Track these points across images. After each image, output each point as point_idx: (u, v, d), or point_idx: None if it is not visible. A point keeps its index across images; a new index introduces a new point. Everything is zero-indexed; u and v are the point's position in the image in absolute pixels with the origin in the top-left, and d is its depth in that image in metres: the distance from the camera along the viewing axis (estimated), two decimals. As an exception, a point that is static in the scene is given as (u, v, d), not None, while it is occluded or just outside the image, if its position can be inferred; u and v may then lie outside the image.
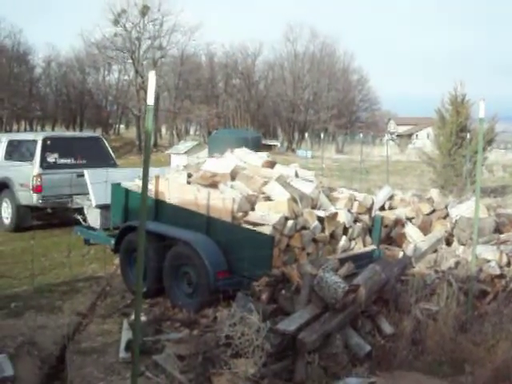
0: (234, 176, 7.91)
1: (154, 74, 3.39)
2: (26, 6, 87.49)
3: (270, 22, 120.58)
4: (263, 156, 8.87)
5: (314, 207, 7.58)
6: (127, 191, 8.34)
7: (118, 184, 8.66)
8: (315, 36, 62.13)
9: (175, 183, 7.87)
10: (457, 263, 7.17)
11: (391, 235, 8.74)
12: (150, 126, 3.57)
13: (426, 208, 9.04)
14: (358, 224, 7.91)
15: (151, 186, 7.76)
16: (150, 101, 3.53)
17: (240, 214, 7.05)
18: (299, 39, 62.18)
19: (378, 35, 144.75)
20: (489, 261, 7.22)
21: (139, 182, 8.15)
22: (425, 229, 8.81)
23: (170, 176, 8.28)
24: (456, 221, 8.69)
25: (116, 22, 48.36)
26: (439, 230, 8.63)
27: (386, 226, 8.54)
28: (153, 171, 7.79)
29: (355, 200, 8.13)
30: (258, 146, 14.68)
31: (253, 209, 7.22)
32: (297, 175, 8.27)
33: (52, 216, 12.31)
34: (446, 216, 9.03)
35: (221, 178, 7.85)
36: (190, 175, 8.13)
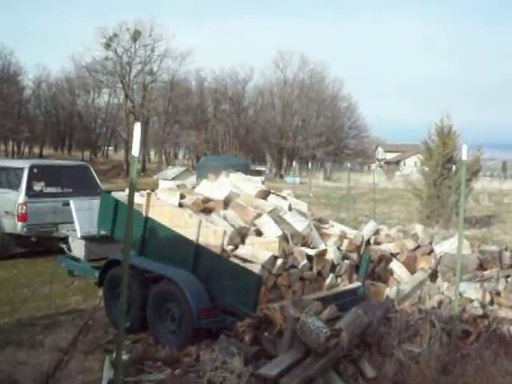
0: (227, 203, 7.74)
1: (139, 125, 3.37)
2: (17, 28, 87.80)
3: (260, 49, 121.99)
4: (258, 183, 8.67)
5: (304, 244, 7.48)
6: (117, 202, 8.14)
7: (108, 192, 8.60)
8: (305, 63, 63.02)
9: (166, 204, 7.64)
10: (440, 302, 7.20)
11: (376, 271, 8.78)
12: (134, 177, 3.53)
13: (410, 244, 9.12)
14: (345, 261, 7.80)
15: (142, 201, 7.60)
16: (135, 152, 3.47)
17: (230, 247, 6.94)
18: (289, 66, 63.04)
19: (367, 63, 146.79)
20: (472, 300, 7.25)
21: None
22: (409, 265, 8.87)
23: (162, 195, 7.97)
24: (440, 257, 8.75)
25: (107, 46, 48.79)
26: (423, 268, 8.68)
27: (372, 262, 8.55)
28: None
29: (346, 237, 8.00)
30: (246, 173, 14.64)
31: (243, 241, 7.10)
32: (290, 208, 8.09)
33: (36, 244, 12.21)
34: (431, 252, 9.10)
35: (214, 204, 7.67)
36: (182, 196, 7.82)
